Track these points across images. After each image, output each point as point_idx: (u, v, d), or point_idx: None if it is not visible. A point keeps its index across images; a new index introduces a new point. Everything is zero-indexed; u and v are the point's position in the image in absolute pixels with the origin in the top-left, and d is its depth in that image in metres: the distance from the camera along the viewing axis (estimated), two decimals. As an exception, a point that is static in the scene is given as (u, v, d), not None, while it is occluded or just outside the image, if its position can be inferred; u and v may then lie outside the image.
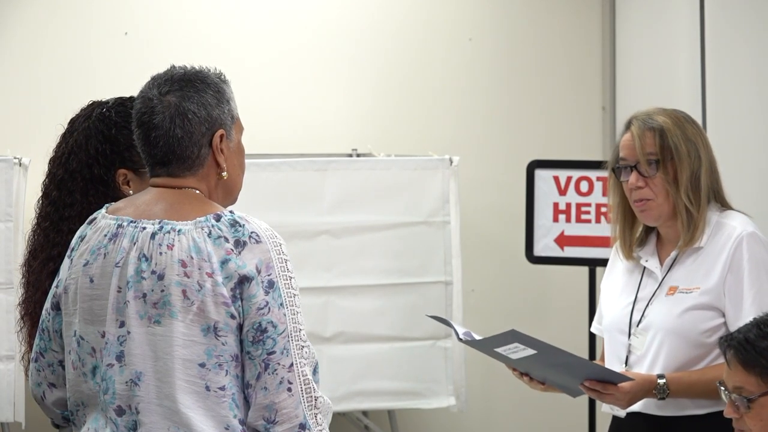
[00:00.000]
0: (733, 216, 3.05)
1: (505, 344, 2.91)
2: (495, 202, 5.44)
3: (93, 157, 2.75)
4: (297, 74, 5.30)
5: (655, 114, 3.06)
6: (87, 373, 2.39)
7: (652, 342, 3.02)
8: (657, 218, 3.06)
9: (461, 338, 2.99)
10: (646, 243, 3.15)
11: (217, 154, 2.41)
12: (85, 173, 2.76)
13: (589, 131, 5.52)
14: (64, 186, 2.79)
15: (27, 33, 5.05)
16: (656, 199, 3.03)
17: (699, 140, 3.04)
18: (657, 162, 3.01)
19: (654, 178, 3.01)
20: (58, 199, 2.79)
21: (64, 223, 2.75)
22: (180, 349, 2.30)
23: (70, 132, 2.83)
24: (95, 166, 2.74)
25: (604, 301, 3.23)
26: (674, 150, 3.00)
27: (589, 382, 2.94)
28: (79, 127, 2.81)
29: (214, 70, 2.45)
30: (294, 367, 2.32)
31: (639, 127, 3.03)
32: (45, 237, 2.79)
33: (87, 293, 2.38)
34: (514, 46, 5.50)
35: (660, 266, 3.09)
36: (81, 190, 2.76)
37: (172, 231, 2.34)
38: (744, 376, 2.48)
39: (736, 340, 2.52)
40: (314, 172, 4.74)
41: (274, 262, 2.33)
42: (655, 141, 3.01)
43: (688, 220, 3.01)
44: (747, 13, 4.28)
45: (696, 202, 3.00)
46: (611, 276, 3.23)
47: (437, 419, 5.35)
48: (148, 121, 2.39)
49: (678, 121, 3.04)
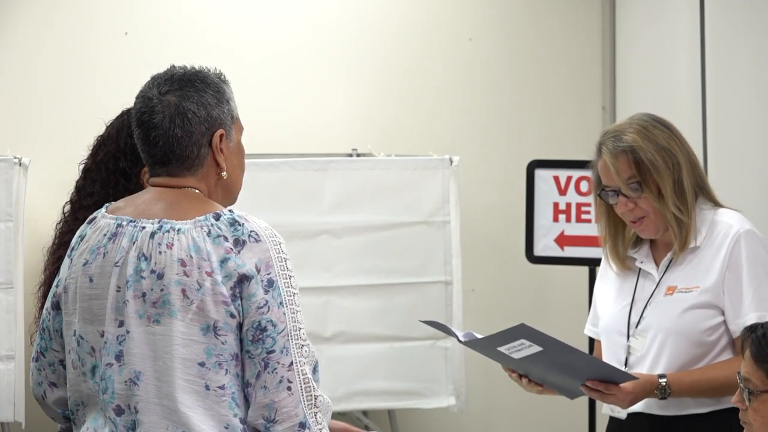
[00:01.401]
0: (727, 214, 3.05)
1: (512, 341, 2.89)
2: (495, 202, 5.44)
3: (121, 150, 2.80)
4: (297, 74, 5.30)
5: (623, 131, 3.02)
6: (86, 373, 2.39)
7: (652, 342, 3.02)
8: (656, 232, 3.06)
9: (462, 340, 2.98)
10: (640, 246, 3.14)
11: (217, 154, 2.41)
12: (111, 165, 2.81)
13: (589, 131, 5.50)
14: (88, 175, 2.86)
15: (27, 33, 5.05)
16: (649, 215, 3.02)
17: (672, 143, 3.02)
18: (639, 183, 2.99)
19: (640, 199, 3.00)
20: (81, 187, 2.87)
21: (81, 211, 2.80)
22: (179, 348, 2.30)
23: (106, 128, 2.88)
24: (122, 159, 2.80)
25: (599, 303, 3.22)
26: (651, 166, 2.98)
27: (591, 382, 2.93)
28: (114, 122, 2.86)
29: (214, 70, 2.45)
30: (294, 366, 2.32)
31: (610, 152, 3.00)
32: (65, 223, 2.87)
33: (86, 293, 2.39)
34: (514, 46, 5.50)
35: (656, 268, 3.09)
36: (103, 180, 2.81)
37: (172, 230, 2.34)
38: (753, 368, 2.50)
39: (758, 332, 2.52)
40: (314, 172, 4.75)
41: (274, 261, 2.33)
42: (630, 164, 2.99)
43: (678, 227, 3.01)
44: (747, 13, 4.28)
45: (684, 207, 3.00)
46: (605, 279, 3.22)
47: (437, 419, 5.35)
48: (147, 120, 2.39)
49: (646, 132, 3.01)
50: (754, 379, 2.49)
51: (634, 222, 3.04)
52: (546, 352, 2.90)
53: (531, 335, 2.86)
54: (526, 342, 2.88)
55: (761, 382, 2.48)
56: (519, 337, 2.87)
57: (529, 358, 2.93)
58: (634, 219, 3.03)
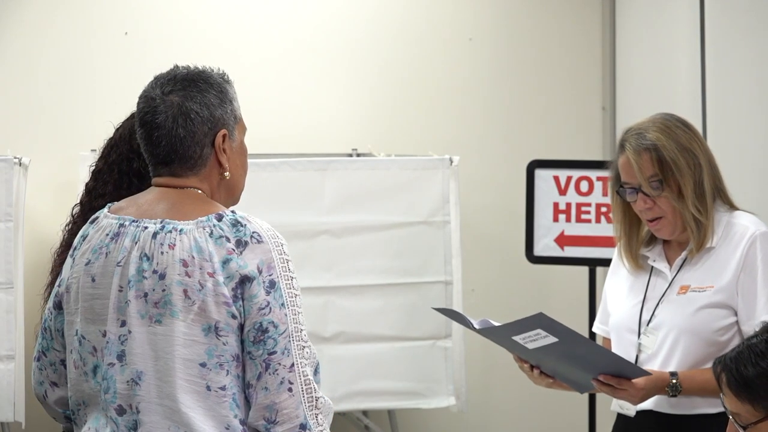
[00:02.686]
0: (743, 216, 3.06)
1: (528, 330, 2.88)
2: (495, 202, 5.44)
3: (135, 151, 2.77)
4: (297, 74, 5.30)
5: (647, 129, 3.03)
6: (88, 373, 2.39)
7: (664, 340, 3.02)
8: (672, 233, 3.06)
9: (476, 328, 2.96)
10: (653, 245, 3.15)
11: (220, 154, 2.41)
12: (123, 166, 2.79)
13: (589, 131, 5.52)
14: (100, 177, 2.83)
15: (27, 33, 5.05)
16: (666, 216, 3.03)
17: (694, 144, 3.03)
18: (660, 181, 3.00)
19: (659, 198, 3.01)
20: (93, 189, 2.84)
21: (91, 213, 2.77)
22: (181, 348, 2.30)
23: (116, 129, 2.87)
24: (135, 159, 2.77)
25: (610, 300, 3.22)
26: (673, 165, 2.99)
27: (603, 376, 2.94)
28: (125, 123, 2.84)
29: (217, 71, 2.45)
30: (295, 367, 2.32)
31: (633, 149, 3.01)
32: (74, 225, 2.84)
33: (88, 292, 2.39)
34: (514, 46, 5.50)
35: (669, 267, 3.09)
36: (115, 182, 2.79)
37: (174, 230, 2.34)
38: (737, 404, 2.44)
39: (728, 366, 2.45)
40: (314, 172, 4.74)
41: (276, 263, 2.33)
42: (653, 162, 3.00)
43: (697, 228, 3.02)
44: (747, 13, 4.28)
45: (703, 208, 3.01)
46: (616, 276, 3.22)
47: (437, 419, 5.35)
48: (150, 120, 2.39)
49: (669, 132, 3.02)
50: (743, 413, 2.43)
51: (651, 221, 3.05)
52: (561, 343, 2.89)
53: (548, 325, 2.85)
54: (543, 332, 2.87)
55: (751, 414, 2.43)
56: (536, 327, 2.87)
57: (543, 349, 2.93)
58: (652, 218, 3.04)
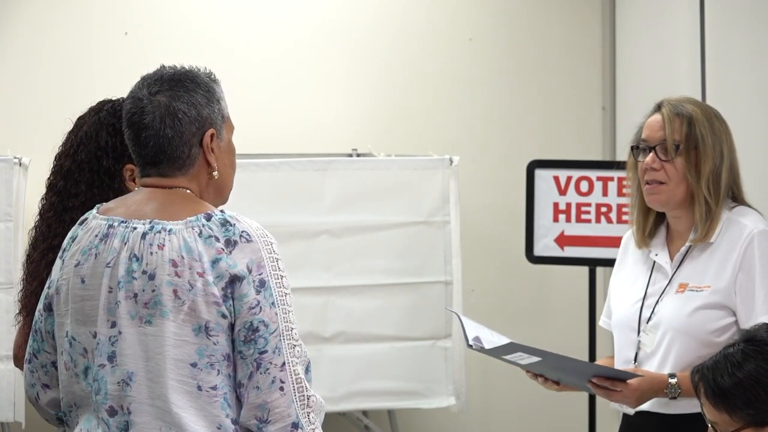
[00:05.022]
0: (744, 213, 3.04)
1: (511, 353, 2.92)
2: (495, 202, 5.44)
3: (102, 149, 2.77)
4: (297, 74, 5.30)
5: (687, 102, 3.06)
6: (79, 374, 2.39)
7: (662, 340, 3.02)
8: (665, 203, 3.05)
9: (471, 345, 2.98)
10: (656, 236, 3.13)
11: (208, 154, 2.41)
12: (93, 164, 2.79)
13: (589, 131, 5.52)
14: (70, 177, 2.82)
15: (27, 33, 5.05)
16: (669, 184, 3.02)
17: (724, 137, 3.04)
18: (678, 147, 3.00)
19: (673, 162, 3.01)
20: (63, 189, 2.82)
21: (67, 213, 2.77)
22: (171, 348, 2.30)
23: (79, 126, 2.87)
24: (104, 158, 2.77)
25: (613, 296, 3.22)
26: (700, 140, 3.00)
27: (597, 379, 2.94)
28: (89, 120, 2.84)
29: (204, 70, 2.45)
30: (286, 366, 2.32)
31: (670, 110, 3.03)
32: (47, 227, 2.82)
33: (78, 294, 2.38)
34: (514, 46, 5.50)
35: (670, 261, 3.08)
36: (87, 181, 2.79)
37: (163, 231, 2.34)
38: (714, 413, 2.45)
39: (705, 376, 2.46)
40: (314, 172, 4.74)
41: (266, 262, 2.33)
42: (683, 128, 3.01)
43: (706, 213, 3.00)
44: (747, 13, 4.28)
45: (715, 195, 3.00)
46: (621, 272, 3.22)
47: (437, 419, 5.35)
48: (138, 121, 2.39)
49: (707, 114, 3.05)
50: (720, 422, 2.44)
51: (649, 184, 3.04)
52: (545, 361, 2.92)
53: (524, 349, 2.89)
54: (524, 354, 2.90)
55: (729, 424, 2.41)
56: (515, 351, 2.90)
57: (534, 365, 2.97)
58: (652, 180, 3.03)
